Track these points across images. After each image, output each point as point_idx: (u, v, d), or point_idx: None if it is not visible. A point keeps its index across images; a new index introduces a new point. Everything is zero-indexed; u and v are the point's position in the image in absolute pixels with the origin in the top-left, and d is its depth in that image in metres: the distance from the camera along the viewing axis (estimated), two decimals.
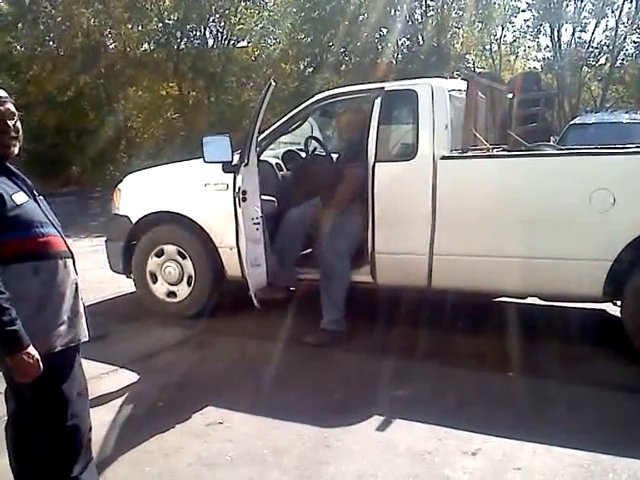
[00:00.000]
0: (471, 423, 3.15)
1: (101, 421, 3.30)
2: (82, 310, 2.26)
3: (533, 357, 3.95)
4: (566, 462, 2.80)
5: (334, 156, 5.25)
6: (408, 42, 21.23)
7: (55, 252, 2.15)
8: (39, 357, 1.99)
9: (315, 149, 5.44)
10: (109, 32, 20.60)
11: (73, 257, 2.25)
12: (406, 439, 3.06)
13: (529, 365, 3.82)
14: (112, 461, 2.92)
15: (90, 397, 3.55)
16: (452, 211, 4.22)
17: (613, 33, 24.09)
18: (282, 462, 2.89)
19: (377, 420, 3.25)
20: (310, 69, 21.32)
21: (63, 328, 2.14)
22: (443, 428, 3.13)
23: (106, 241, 5.47)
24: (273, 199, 4.95)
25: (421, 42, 20.60)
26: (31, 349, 1.96)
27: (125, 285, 5.67)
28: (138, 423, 3.33)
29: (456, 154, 4.33)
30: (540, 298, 4.39)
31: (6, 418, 2.31)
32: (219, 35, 21.69)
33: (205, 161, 4.46)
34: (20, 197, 2.08)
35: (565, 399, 3.42)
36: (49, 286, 2.12)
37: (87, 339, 2.26)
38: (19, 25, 19.66)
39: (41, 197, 2.23)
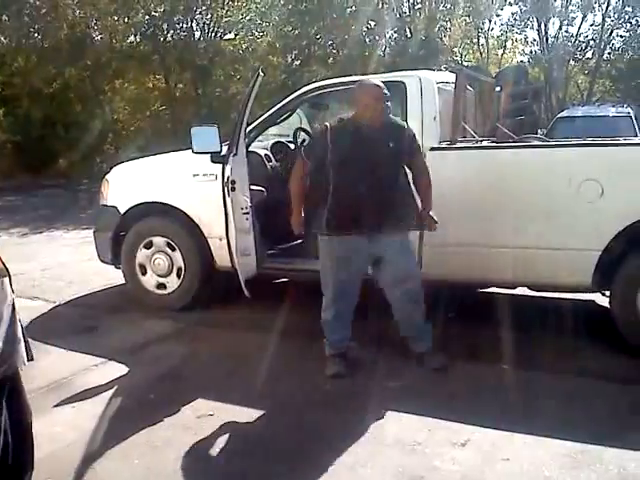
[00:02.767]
0: (461, 414, 3.15)
1: (90, 413, 3.29)
2: (20, 335, 2.03)
3: (524, 349, 3.95)
4: (555, 452, 2.80)
5: None
6: (396, 35, 21.20)
7: None
8: None
9: (304, 141, 5.42)
10: (95, 24, 20.39)
11: (9, 275, 2.03)
12: (396, 430, 3.06)
13: (520, 357, 3.82)
14: (101, 454, 2.90)
15: (79, 390, 3.58)
16: (441, 201, 4.20)
17: (600, 27, 24.17)
18: (274, 453, 2.88)
19: (368, 412, 3.24)
20: (297, 62, 21.24)
21: None
22: (433, 419, 3.13)
23: (94, 232, 5.44)
24: (262, 189, 4.93)
25: (409, 35, 20.56)
26: None
27: (114, 277, 5.62)
28: (127, 416, 3.30)
29: (445, 145, 4.34)
30: (530, 288, 4.41)
31: None
32: (206, 27, 21.53)
33: (194, 152, 4.43)
34: None
35: (555, 390, 3.44)
36: None
37: (25, 365, 2.05)
38: (3, 16, 19.45)
39: None
